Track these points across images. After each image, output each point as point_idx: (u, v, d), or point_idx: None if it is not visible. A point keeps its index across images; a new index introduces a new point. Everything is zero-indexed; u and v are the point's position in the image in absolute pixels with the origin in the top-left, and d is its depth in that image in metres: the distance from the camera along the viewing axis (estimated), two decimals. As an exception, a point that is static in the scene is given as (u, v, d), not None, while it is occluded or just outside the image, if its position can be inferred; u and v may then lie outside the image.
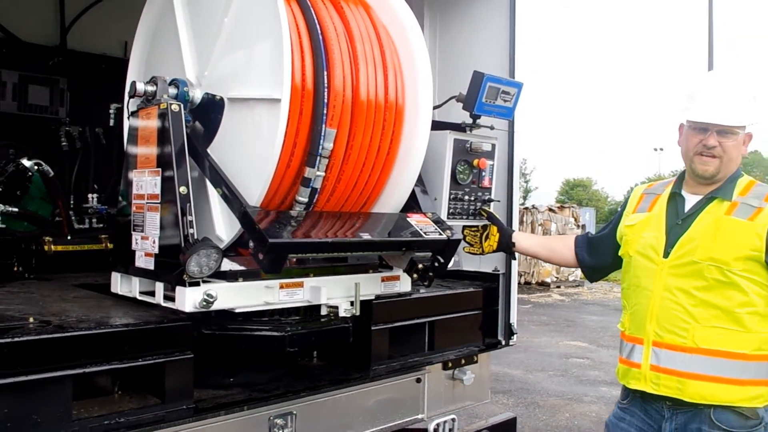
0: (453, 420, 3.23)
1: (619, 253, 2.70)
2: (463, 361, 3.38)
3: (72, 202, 4.24)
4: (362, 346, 2.77)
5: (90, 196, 4.18)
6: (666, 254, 2.48)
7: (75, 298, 2.83)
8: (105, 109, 4.01)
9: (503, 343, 3.60)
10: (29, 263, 3.55)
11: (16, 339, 2.01)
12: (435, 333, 3.19)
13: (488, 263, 3.58)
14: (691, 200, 2.53)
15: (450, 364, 3.35)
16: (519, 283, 18.11)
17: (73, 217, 4.13)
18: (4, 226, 3.68)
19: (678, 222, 2.50)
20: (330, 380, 2.82)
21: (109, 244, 3.71)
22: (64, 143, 4.38)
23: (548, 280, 18.46)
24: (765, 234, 2.33)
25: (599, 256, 2.83)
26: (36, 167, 3.97)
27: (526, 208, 20.68)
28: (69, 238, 3.76)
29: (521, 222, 19.08)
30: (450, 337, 3.31)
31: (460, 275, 3.59)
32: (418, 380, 3.20)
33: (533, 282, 18.62)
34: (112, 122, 4.07)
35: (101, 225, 4.15)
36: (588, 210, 27.57)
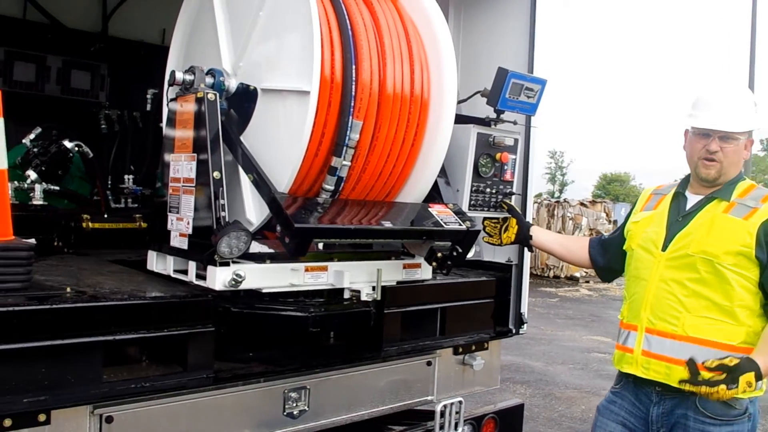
0: (460, 402, 3.31)
1: (624, 247, 2.83)
2: (473, 347, 3.49)
3: (109, 182, 4.37)
4: (375, 328, 2.87)
5: (126, 177, 4.31)
6: (664, 248, 2.61)
7: (109, 272, 2.97)
8: (143, 94, 4.11)
9: (513, 331, 3.68)
10: (68, 239, 3.67)
11: (55, 306, 2.18)
12: (446, 319, 3.28)
13: (502, 254, 3.68)
14: (692, 200, 2.66)
15: (460, 350, 3.45)
16: (548, 277, 18.31)
17: (110, 197, 4.25)
18: (46, 203, 3.79)
19: (679, 219, 2.64)
20: (343, 359, 2.94)
21: (142, 223, 3.82)
22: (103, 126, 4.52)
23: (577, 274, 18.36)
24: (755, 231, 2.45)
25: (611, 256, 2.95)
26: (77, 148, 4.09)
27: (558, 202, 20.57)
28: (106, 216, 3.88)
29: (552, 215, 18.98)
30: (461, 323, 3.39)
31: (474, 264, 3.67)
32: (429, 363, 3.32)
33: (562, 276, 18.54)
34: (149, 107, 4.26)
35: (136, 205, 4.27)
36: (624, 205, 27.23)
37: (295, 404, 2.79)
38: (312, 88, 2.39)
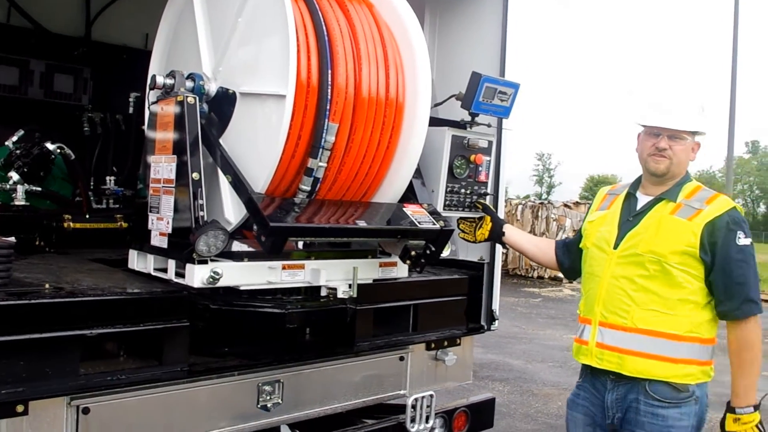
0: (431, 396, 3.40)
1: (580, 245, 2.99)
2: (445, 343, 3.59)
3: (91, 183, 4.42)
4: (348, 324, 2.93)
5: (108, 178, 4.37)
6: (616, 246, 2.77)
7: (88, 270, 3.05)
8: (125, 98, 4.25)
9: (485, 327, 3.79)
10: (50, 238, 3.72)
11: (33, 301, 2.28)
12: (419, 315, 3.37)
13: (475, 253, 3.79)
14: (642, 200, 2.82)
15: (433, 345, 3.55)
16: (532, 278, 18.44)
17: (91, 198, 4.30)
18: (28, 203, 3.85)
19: (629, 218, 2.79)
20: (316, 353, 3.03)
21: (123, 224, 3.89)
22: (86, 128, 4.58)
23: (560, 274, 18.44)
24: (700, 232, 2.61)
25: (574, 256, 3.09)
26: (59, 150, 4.15)
27: (542, 203, 20.69)
28: (87, 216, 3.93)
29: (536, 217, 19.10)
30: (434, 320, 3.49)
31: (447, 263, 3.76)
32: (402, 358, 3.41)
33: (546, 276, 18.66)
34: (131, 110, 4.32)
35: (117, 205, 4.33)
36: None
37: (269, 397, 2.88)
38: (288, 92, 2.46)
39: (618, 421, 2.77)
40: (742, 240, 2.62)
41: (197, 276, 2.52)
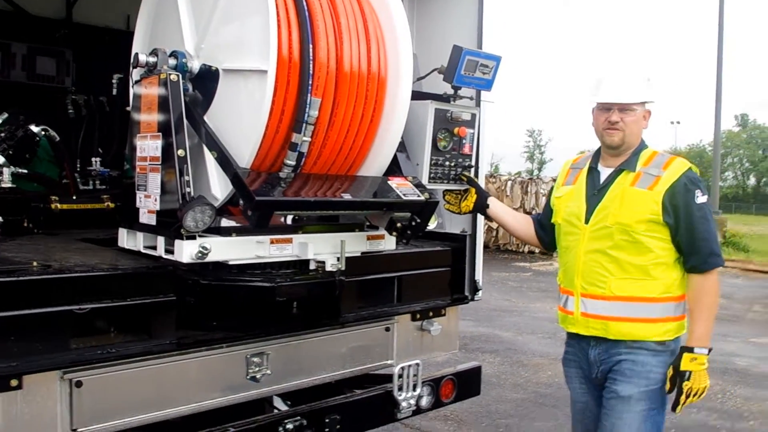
0: (417, 365, 3.48)
1: (551, 221, 3.13)
2: (430, 314, 3.68)
3: (78, 164, 4.45)
4: (334, 296, 2.97)
5: (94, 159, 4.41)
6: (587, 221, 2.92)
7: (76, 249, 3.10)
8: (108, 79, 4.16)
9: (469, 298, 3.89)
10: (37, 220, 3.75)
11: (21, 278, 2.34)
12: (403, 287, 3.47)
13: (457, 225, 3.88)
14: (604, 173, 2.98)
15: (418, 316, 3.63)
16: (522, 252, 18.51)
17: (78, 179, 4.32)
18: (15, 185, 3.86)
19: (594, 193, 2.96)
20: (302, 325, 3.09)
21: (110, 204, 3.93)
22: (70, 110, 4.58)
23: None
24: (660, 199, 2.79)
25: (549, 230, 3.23)
26: (43, 132, 4.18)
27: (531, 179, 20.75)
28: (74, 197, 3.97)
29: (526, 192, 19.17)
30: (418, 291, 3.59)
31: (431, 235, 3.84)
32: (387, 329, 3.49)
33: (536, 251, 18.76)
34: (114, 91, 4.32)
35: (104, 186, 4.36)
36: None
37: (257, 368, 2.95)
38: (270, 67, 2.48)
39: (602, 374, 2.96)
40: (700, 198, 2.81)
41: (186, 251, 2.55)
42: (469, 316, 9.60)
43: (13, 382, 2.30)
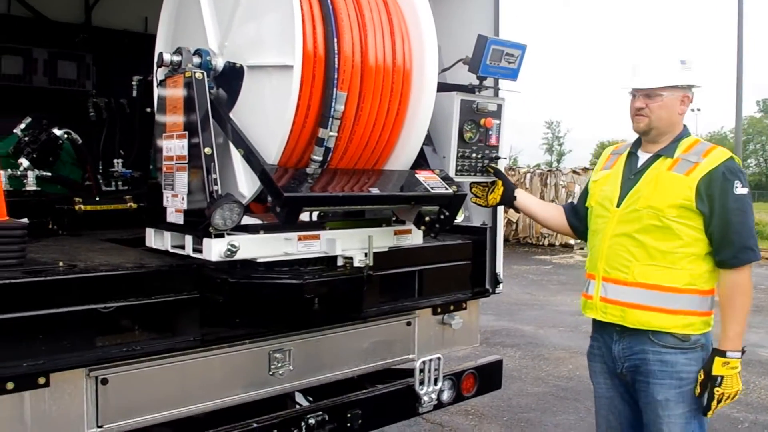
0: (439, 359, 3.49)
1: (586, 204, 3.07)
2: (451, 307, 3.68)
3: (100, 166, 4.51)
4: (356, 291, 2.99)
5: (116, 161, 4.47)
6: (619, 204, 2.85)
7: (101, 249, 3.14)
8: (128, 81, 4.24)
9: (490, 291, 3.88)
10: (62, 221, 3.81)
11: (48, 278, 2.39)
12: (424, 281, 3.47)
13: (477, 218, 3.87)
14: (643, 158, 2.90)
15: (439, 310, 3.63)
16: (543, 245, 18.50)
17: (100, 180, 4.39)
18: (39, 188, 3.91)
19: (631, 177, 2.88)
20: (324, 320, 3.10)
21: (132, 204, 4.01)
22: (91, 113, 4.63)
23: (572, 242, 18.40)
24: (695, 185, 2.67)
25: (583, 218, 3.15)
26: (66, 136, 4.23)
27: (550, 170, 20.64)
28: (97, 199, 4.02)
29: (545, 184, 19.06)
30: (439, 285, 3.59)
31: (451, 229, 3.76)
32: (409, 323, 3.51)
33: (557, 244, 18.66)
34: (134, 93, 4.37)
35: (126, 187, 4.42)
36: None
37: (279, 364, 3.00)
38: (295, 63, 2.45)
39: (628, 371, 2.87)
40: (739, 189, 2.68)
41: (214, 250, 2.54)
42: (489, 310, 9.57)
43: (41, 380, 2.35)
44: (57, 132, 4.18)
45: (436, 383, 3.47)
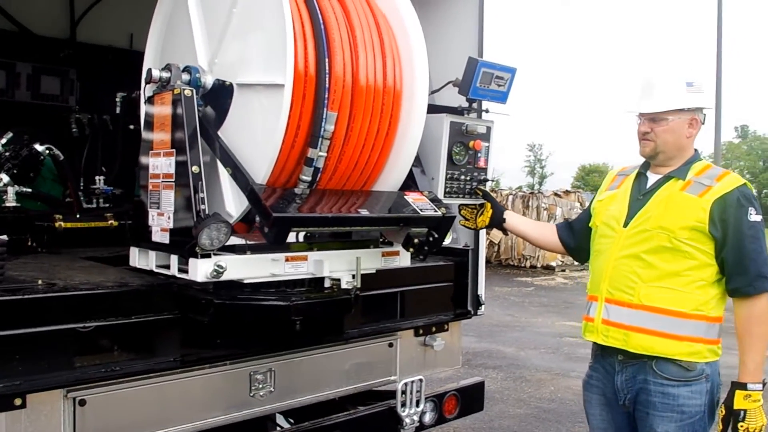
0: (420, 381, 3.49)
1: (589, 224, 3.00)
2: (433, 329, 3.67)
3: (81, 183, 4.45)
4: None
5: (97, 178, 4.41)
6: (626, 224, 2.77)
7: (80, 267, 3.10)
8: (112, 98, 4.30)
9: (472, 312, 3.88)
10: (41, 239, 3.75)
11: (26, 296, 2.36)
12: (406, 302, 3.48)
13: (461, 240, 3.88)
14: (652, 179, 2.83)
15: (421, 331, 3.63)
16: (524, 267, 18.55)
17: (81, 197, 4.33)
18: (18, 204, 3.85)
19: (640, 197, 2.80)
20: (306, 342, 3.08)
21: (114, 222, 3.96)
22: (74, 129, 4.61)
23: (553, 263, 18.56)
24: (709, 207, 2.60)
25: (580, 237, 3.10)
26: (47, 151, 4.17)
27: (532, 193, 20.81)
28: (78, 216, 3.96)
29: (527, 207, 19.17)
30: (421, 306, 3.60)
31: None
32: (391, 345, 3.49)
33: (539, 266, 18.75)
34: (118, 110, 4.35)
35: (107, 205, 4.37)
36: None
37: (261, 386, 2.97)
38: (286, 82, 2.43)
39: (630, 402, 2.77)
40: (753, 216, 2.61)
41: (201, 270, 2.49)
42: (471, 331, 9.57)
43: (17, 401, 2.31)
44: (38, 148, 4.13)
45: (418, 405, 3.46)
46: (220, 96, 2.72)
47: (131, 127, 4.45)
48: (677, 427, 2.65)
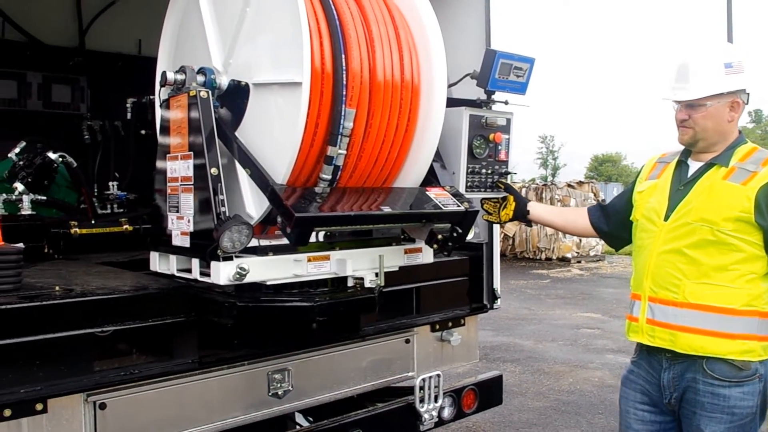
0: (438, 376, 3.46)
1: (630, 218, 2.86)
2: (450, 324, 3.67)
3: (95, 189, 4.51)
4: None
5: (111, 183, 4.49)
6: (666, 217, 2.64)
7: (97, 273, 3.13)
8: (122, 104, 4.36)
9: (488, 306, 3.87)
10: (57, 245, 3.82)
11: (45, 303, 2.38)
12: (422, 298, 3.47)
13: (482, 235, 3.85)
14: (694, 167, 2.68)
15: (437, 327, 3.62)
16: (540, 260, 18.54)
17: (96, 204, 4.38)
18: (34, 212, 3.89)
19: (680, 187, 2.66)
20: (322, 339, 3.11)
21: (128, 227, 4.02)
22: (86, 136, 4.67)
23: (569, 255, 18.49)
24: (754, 196, 2.45)
25: (616, 223, 2.97)
26: (61, 159, 4.23)
27: (545, 185, 20.73)
28: (93, 222, 4.02)
29: (540, 199, 19.09)
30: (437, 302, 3.60)
31: None
32: (407, 341, 3.50)
33: (554, 258, 18.68)
34: (129, 115, 4.38)
35: (122, 210, 4.44)
36: (615, 185, 27.34)
37: (279, 385, 2.99)
38: (303, 79, 2.39)
39: (676, 401, 2.65)
40: None
41: (223, 273, 2.45)
42: (488, 325, 9.53)
43: (38, 406, 2.32)
44: (52, 155, 4.18)
45: (436, 400, 3.44)
46: (235, 97, 2.68)
47: (143, 132, 4.53)
48: (726, 429, 2.52)
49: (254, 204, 2.61)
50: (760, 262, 2.50)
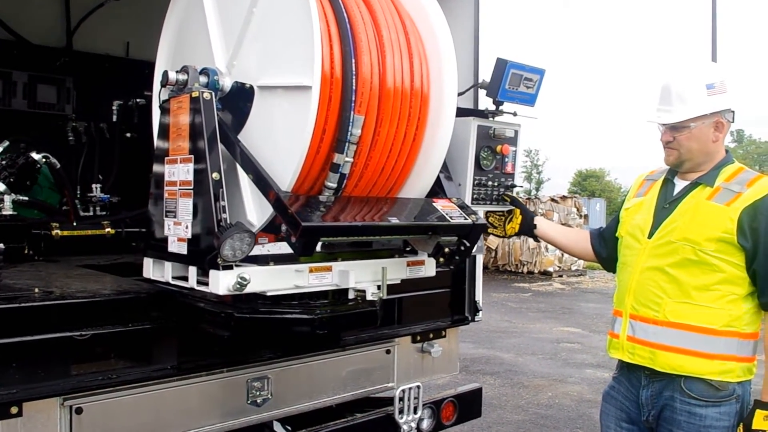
0: (418, 387, 3.50)
1: (616, 234, 2.88)
2: (431, 335, 3.68)
3: (78, 191, 4.45)
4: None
5: (94, 186, 4.43)
6: (650, 235, 2.66)
7: (77, 275, 3.11)
8: (108, 106, 4.40)
9: (470, 319, 3.87)
10: (38, 247, 3.77)
11: (23, 305, 2.36)
12: (404, 309, 3.48)
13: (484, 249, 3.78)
14: (679, 185, 2.69)
15: (418, 338, 3.63)
16: (522, 273, 18.54)
17: (78, 206, 4.32)
18: (15, 213, 3.83)
19: (665, 206, 2.68)
20: (302, 348, 3.08)
21: (110, 230, 3.97)
22: (70, 138, 4.58)
23: (550, 269, 18.59)
24: (737, 217, 2.45)
25: (611, 246, 2.97)
26: (44, 160, 4.15)
27: (529, 199, 20.86)
28: (75, 224, 3.96)
29: (525, 212, 19.16)
30: (419, 313, 3.61)
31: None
32: (388, 351, 3.49)
33: (536, 271, 18.76)
34: (114, 117, 4.31)
35: (104, 212, 4.39)
36: (599, 201, 27.63)
37: (258, 393, 2.96)
38: (314, 83, 2.30)
39: (654, 418, 2.65)
40: None
41: (222, 282, 2.33)
42: (469, 338, 9.51)
43: (13, 410, 2.30)
44: (35, 156, 4.11)
45: (415, 412, 3.46)
46: (239, 99, 2.58)
47: (128, 135, 4.53)
48: None
49: (256, 211, 2.51)
50: (741, 282, 2.51)
